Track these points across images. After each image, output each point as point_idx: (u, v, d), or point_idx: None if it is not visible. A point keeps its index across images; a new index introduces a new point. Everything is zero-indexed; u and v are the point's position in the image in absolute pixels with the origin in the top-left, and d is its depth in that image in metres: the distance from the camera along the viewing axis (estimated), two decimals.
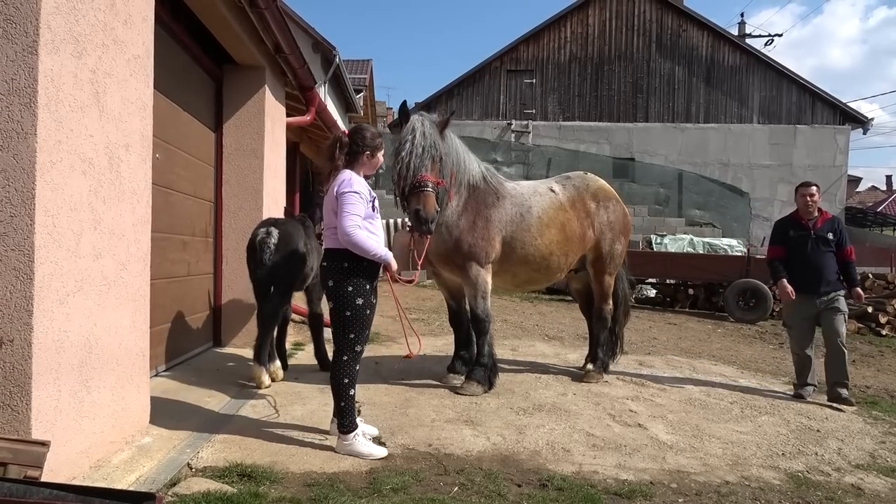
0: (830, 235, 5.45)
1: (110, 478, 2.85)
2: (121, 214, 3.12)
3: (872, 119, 21.00)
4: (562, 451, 3.77)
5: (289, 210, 6.64)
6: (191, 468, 3.18)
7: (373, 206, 3.54)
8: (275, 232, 4.70)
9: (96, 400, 2.92)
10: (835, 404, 5.27)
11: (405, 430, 3.96)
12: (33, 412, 2.46)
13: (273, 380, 4.85)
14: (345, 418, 3.50)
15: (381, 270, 3.63)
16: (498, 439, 3.90)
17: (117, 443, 3.14)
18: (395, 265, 3.60)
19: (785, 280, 5.51)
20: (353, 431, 3.49)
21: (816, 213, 5.55)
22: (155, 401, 3.74)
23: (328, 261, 3.53)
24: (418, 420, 4.20)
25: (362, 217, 3.44)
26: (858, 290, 5.53)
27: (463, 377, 5.13)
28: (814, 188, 5.60)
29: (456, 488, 3.13)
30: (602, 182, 5.91)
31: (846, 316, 5.49)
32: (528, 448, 3.78)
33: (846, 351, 5.41)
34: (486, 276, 5.04)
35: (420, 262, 4.75)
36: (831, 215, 5.65)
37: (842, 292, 5.43)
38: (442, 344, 7.01)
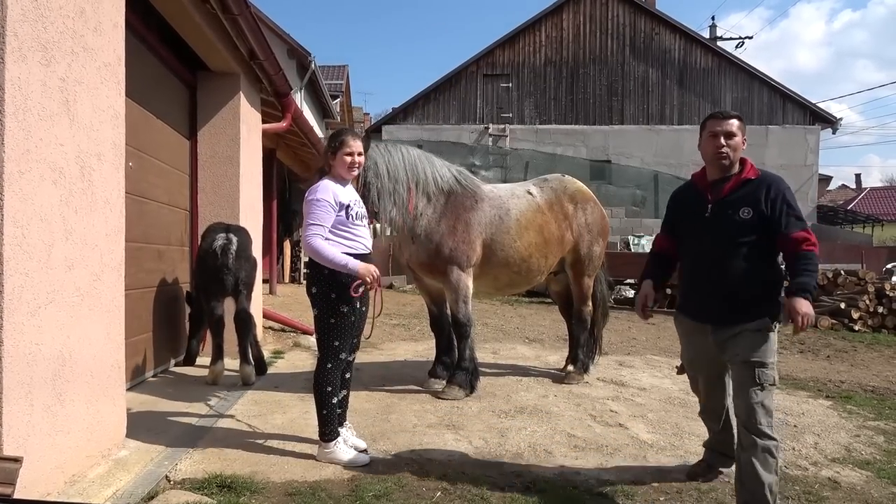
0: (746, 213, 2.88)
1: (86, 493, 2.80)
2: (93, 224, 3.07)
3: (841, 119, 21.47)
4: (544, 452, 3.78)
5: None
6: (169, 481, 3.13)
7: (347, 212, 3.43)
8: (234, 238, 5.03)
9: (70, 413, 2.86)
10: None
11: (387, 436, 3.94)
12: (4, 427, 2.40)
13: (215, 382, 5.04)
14: (326, 427, 3.47)
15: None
16: (480, 443, 3.90)
17: (93, 457, 3.08)
18: (363, 273, 3.31)
19: (647, 286, 3.27)
20: (334, 440, 3.46)
21: (735, 170, 3.00)
22: (132, 413, 3.68)
23: (311, 268, 3.48)
24: (400, 426, 4.18)
25: (328, 226, 3.38)
26: (799, 302, 2.71)
27: (444, 382, 5.12)
28: (733, 121, 3.01)
29: (439, 493, 3.12)
30: (579, 184, 5.95)
31: (772, 374, 2.83)
32: (511, 451, 3.78)
33: (770, 444, 2.80)
34: (468, 281, 5.04)
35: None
36: (759, 173, 2.98)
37: (770, 324, 2.84)
38: (423, 349, 6.99)
